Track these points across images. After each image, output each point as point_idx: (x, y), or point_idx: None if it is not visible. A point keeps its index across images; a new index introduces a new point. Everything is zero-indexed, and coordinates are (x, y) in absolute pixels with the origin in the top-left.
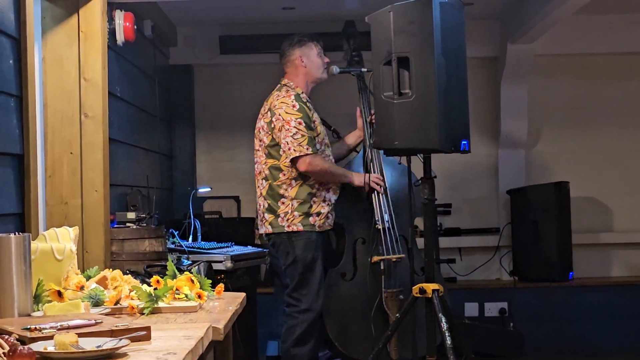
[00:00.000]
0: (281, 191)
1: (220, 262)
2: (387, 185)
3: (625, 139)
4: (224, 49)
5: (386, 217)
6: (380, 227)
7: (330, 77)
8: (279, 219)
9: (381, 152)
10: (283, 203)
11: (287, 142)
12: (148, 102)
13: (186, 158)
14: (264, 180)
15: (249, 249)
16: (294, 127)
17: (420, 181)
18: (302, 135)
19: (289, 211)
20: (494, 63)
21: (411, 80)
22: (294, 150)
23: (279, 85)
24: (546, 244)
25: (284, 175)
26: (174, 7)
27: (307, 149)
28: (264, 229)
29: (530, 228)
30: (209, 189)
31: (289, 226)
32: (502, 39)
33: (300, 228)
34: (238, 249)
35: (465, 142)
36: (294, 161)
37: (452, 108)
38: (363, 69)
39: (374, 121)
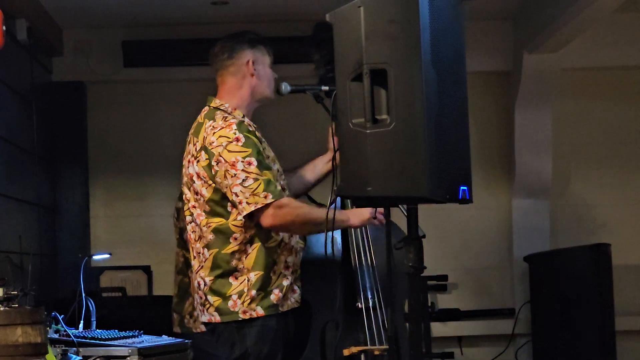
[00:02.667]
0: (233, 262)
1: (124, 357)
2: (370, 246)
3: None
4: (130, 60)
5: (369, 292)
6: (360, 305)
7: (276, 97)
8: (230, 303)
9: None
10: (237, 279)
11: (235, 193)
12: (21, 133)
13: (76, 212)
14: (205, 249)
15: (165, 340)
16: (242, 170)
17: (402, 243)
18: (256, 180)
19: (245, 290)
20: (506, 79)
21: (390, 102)
22: (247, 203)
23: (207, 109)
24: (580, 330)
25: (236, 239)
26: (60, 1)
27: (266, 196)
28: (207, 316)
29: (558, 309)
30: (108, 256)
31: (244, 312)
32: (516, 47)
33: (260, 313)
34: (149, 340)
35: (464, 189)
36: (252, 217)
37: (447, 141)
38: (324, 87)
39: None
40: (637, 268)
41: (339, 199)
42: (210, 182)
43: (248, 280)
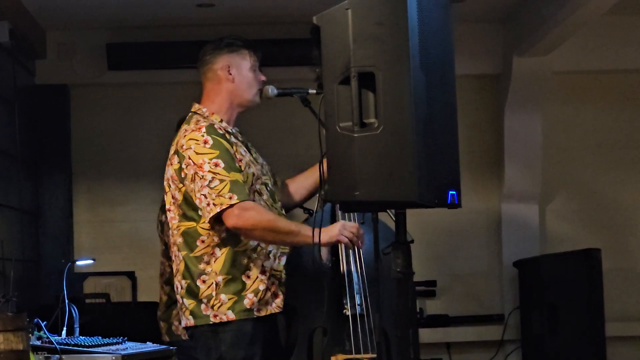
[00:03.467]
0: (201, 266)
1: None
2: (360, 252)
3: None
4: (114, 63)
5: (358, 299)
6: (348, 312)
7: (265, 100)
8: (202, 306)
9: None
10: (204, 282)
11: (203, 195)
12: (3, 137)
13: (59, 217)
14: (179, 252)
15: (150, 347)
16: (209, 171)
17: (390, 248)
18: (222, 181)
19: (213, 294)
20: (496, 82)
21: (378, 106)
22: (213, 204)
23: (189, 114)
24: (570, 336)
25: (203, 242)
26: (43, 3)
27: (231, 197)
28: (184, 320)
29: (547, 314)
30: (92, 262)
31: (215, 315)
32: (506, 50)
33: (231, 317)
34: (133, 347)
35: (453, 193)
36: (218, 219)
37: (436, 145)
38: (311, 90)
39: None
40: (628, 273)
41: (328, 204)
42: (181, 185)
43: (216, 284)
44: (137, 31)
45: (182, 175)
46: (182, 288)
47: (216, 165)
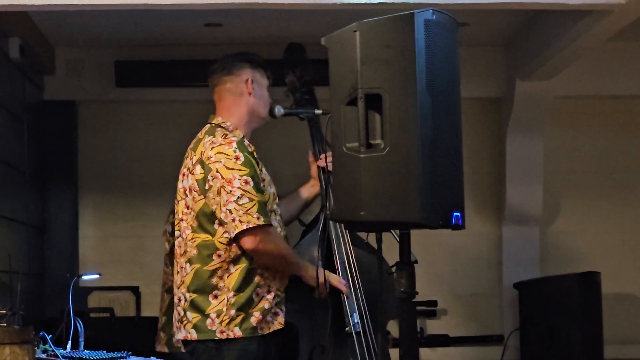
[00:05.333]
0: (214, 280)
1: None
2: (358, 271)
3: None
4: (122, 80)
5: (356, 317)
6: (350, 330)
7: (271, 120)
8: (208, 321)
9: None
10: (216, 297)
11: (229, 210)
12: (12, 151)
13: (65, 232)
14: (188, 264)
15: None
16: (239, 187)
17: (394, 268)
18: (251, 200)
19: (224, 309)
20: (498, 106)
21: (384, 127)
22: (240, 221)
23: (208, 126)
24: (569, 358)
25: (219, 257)
26: (53, 20)
27: (258, 218)
28: (183, 333)
29: (547, 336)
30: (97, 276)
31: (222, 331)
32: (509, 74)
33: (238, 334)
34: None
35: (457, 215)
36: (238, 237)
37: (441, 166)
38: (317, 111)
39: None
40: (627, 297)
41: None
42: (202, 196)
43: (227, 300)
44: (145, 49)
45: (206, 187)
46: (185, 300)
47: (246, 183)
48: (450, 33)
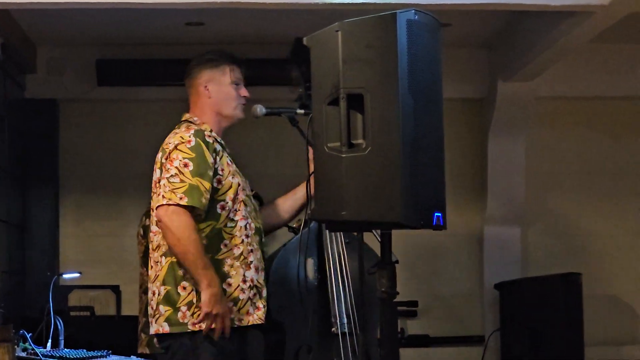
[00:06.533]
0: (181, 271)
1: None
2: (348, 271)
3: None
4: (104, 79)
5: (345, 317)
6: (336, 331)
7: (252, 119)
8: (179, 314)
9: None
10: (184, 289)
11: (160, 185)
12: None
13: (45, 230)
14: (162, 257)
15: None
16: (176, 167)
17: (375, 268)
18: (182, 181)
19: (194, 301)
20: (480, 107)
21: (366, 127)
22: (163, 196)
23: (181, 122)
24: (550, 359)
25: None
26: (35, 19)
27: (181, 198)
28: (154, 327)
29: (528, 337)
30: (78, 275)
31: (194, 323)
32: (491, 75)
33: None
34: None
35: (439, 215)
36: (156, 210)
37: (423, 167)
38: (299, 110)
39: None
40: (608, 298)
41: (314, 223)
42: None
43: (196, 291)
44: (127, 48)
45: (162, 177)
46: (159, 294)
47: (185, 165)
48: (432, 33)
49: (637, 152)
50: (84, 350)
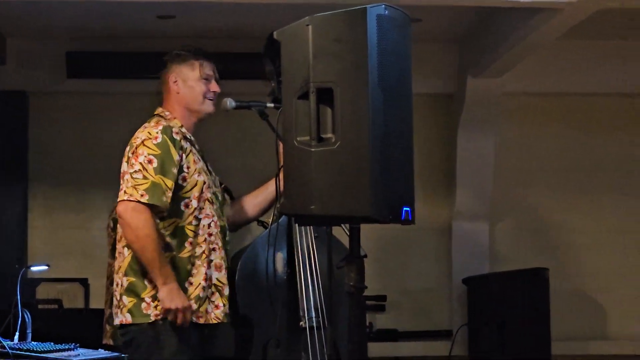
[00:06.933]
0: None
1: None
2: (317, 265)
3: (632, 210)
4: (74, 71)
5: (313, 312)
6: (304, 325)
7: (223, 113)
8: (143, 305)
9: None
10: (150, 282)
11: (123, 180)
12: None
13: (13, 222)
14: (125, 249)
15: (101, 354)
16: (140, 163)
17: (344, 262)
18: (145, 178)
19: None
20: (450, 102)
21: (336, 121)
22: (125, 192)
23: (153, 116)
24: (517, 354)
25: None
26: (4, 10)
27: (142, 196)
28: (119, 318)
29: (495, 332)
30: (46, 268)
31: (157, 315)
32: (461, 71)
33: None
34: (85, 354)
35: (408, 210)
36: (118, 206)
37: (392, 161)
38: (269, 104)
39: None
40: (574, 293)
41: (284, 217)
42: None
43: None
44: (98, 41)
45: (127, 169)
46: (121, 285)
47: (149, 162)
48: (402, 28)
49: (606, 148)
50: (52, 343)
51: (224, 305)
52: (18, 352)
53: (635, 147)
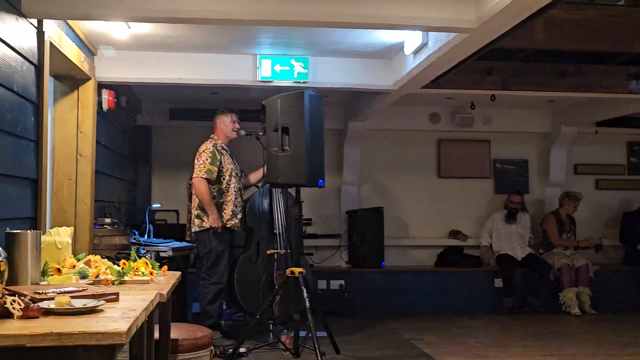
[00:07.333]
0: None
1: (165, 251)
2: (281, 205)
3: (418, 181)
4: (173, 117)
5: (280, 226)
6: (276, 231)
7: (240, 137)
8: (203, 223)
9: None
10: (205, 212)
11: (196, 166)
12: (121, 148)
13: (145, 185)
14: (194, 197)
15: (183, 244)
16: (203, 159)
17: (292, 203)
18: (204, 166)
19: (204, 214)
20: (340, 133)
21: (290, 141)
22: (195, 173)
23: (210, 138)
24: (369, 244)
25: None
26: (141, 88)
27: (202, 174)
28: (193, 229)
29: (359, 235)
30: (159, 205)
31: (208, 227)
32: (345, 118)
33: (216, 224)
34: (176, 244)
35: (321, 181)
36: (193, 179)
37: (313, 159)
38: (260, 133)
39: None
40: (395, 217)
41: (262, 190)
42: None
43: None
44: (184, 102)
45: (196, 161)
46: (193, 214)
47: (206, 159)
48: (319, 100)
49: (407, 153)
50: (162, 239)
51: (239, 219)
52: (146, 243)
53: (418, 154)
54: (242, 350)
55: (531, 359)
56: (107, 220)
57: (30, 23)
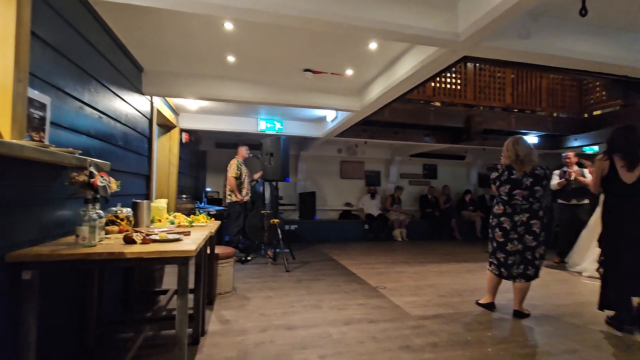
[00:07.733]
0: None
1: (212, 211)
2: (269, 190)
3: (332, 179)
4: (217, 146)
5: (269, 207)
6: (266, 202)
7: (250, 157)
8: (233, 197)
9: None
10: (233, 193)
11: (228, 171)
12: (192, 161)
13: (202, 177)
14: (227, 186)
15: (221, 208)
16: (232, 168)
17: (276, 192)
18: (233, 171)
19: (235, 192)
20: (297, 156)
21: (273, 159)
22: (229, 174)
23: (235, 157)
24: (309, 208)
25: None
26: (202, 132)
27: (232, 174)
28: (227, 200)
29: (304, 204)
30: (210, 189)
31: (235, 201)
32: (299, 149)
33: (238, 199)
34: (218, 207)
35: (287, 178)
36: (228, 178)
37: (284, 168)
38: (259, 156)
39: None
40: (323, 203)
41: (260, 183)
42: (229, 170)
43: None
44: (222, 139)
45: (229, 168)
46: (226, 193)
47: (234, 168)
48: (287, 141)
49: (331, 167)
50: (212, 205)
51: (249, 196)
52: (203, 206)
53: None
54: (248, 258)
55: (382, 259)
56: (184, 196)
57: (147, 98)
